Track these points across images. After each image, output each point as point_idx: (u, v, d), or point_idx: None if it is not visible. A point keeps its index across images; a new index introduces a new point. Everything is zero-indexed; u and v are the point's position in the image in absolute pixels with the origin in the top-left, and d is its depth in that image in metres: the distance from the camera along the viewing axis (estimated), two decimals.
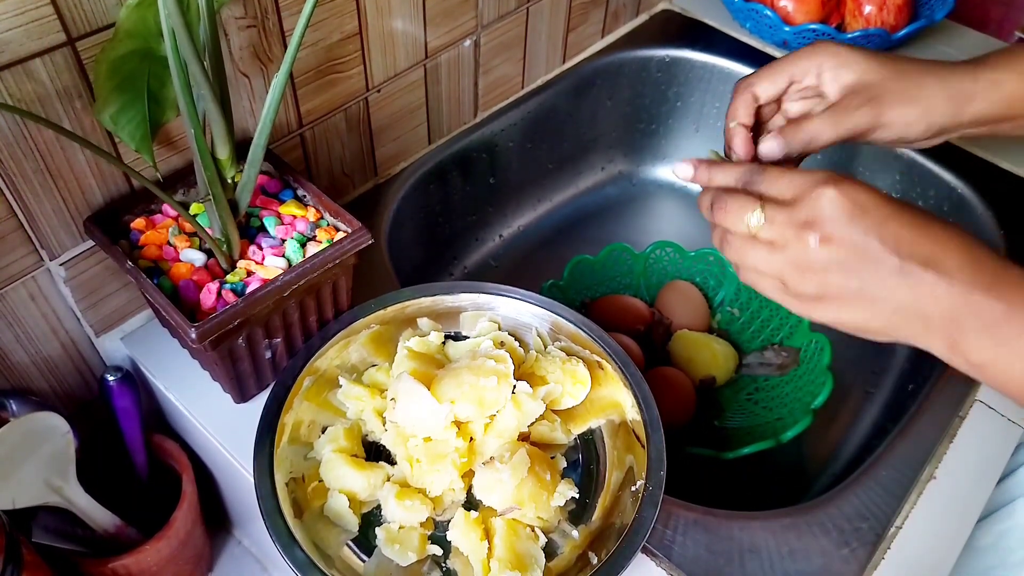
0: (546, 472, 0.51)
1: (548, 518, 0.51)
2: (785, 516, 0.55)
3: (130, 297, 0.61)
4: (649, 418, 0.53)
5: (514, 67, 0.84)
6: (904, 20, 0.89)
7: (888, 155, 0.84)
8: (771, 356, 0.78)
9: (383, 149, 0.76)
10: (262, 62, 0.59)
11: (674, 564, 0.52)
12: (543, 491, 0.50)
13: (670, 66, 0.94)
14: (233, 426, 0.58)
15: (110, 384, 0.58)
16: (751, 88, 0.55)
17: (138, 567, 0.60)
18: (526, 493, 0.50)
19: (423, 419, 0.51)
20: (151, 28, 0.46)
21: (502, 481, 0.50)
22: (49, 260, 0.55)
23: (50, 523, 0.58)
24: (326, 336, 0.56)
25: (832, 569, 0.53)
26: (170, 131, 0.56)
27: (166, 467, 0.65)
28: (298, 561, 0.46)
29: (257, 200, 0.58)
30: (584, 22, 0.89)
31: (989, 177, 0.81)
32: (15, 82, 0.47)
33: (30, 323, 0.56)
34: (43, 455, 0.53)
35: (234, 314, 0.50)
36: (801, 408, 0.70)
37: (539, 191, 0.96)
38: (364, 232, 0.55)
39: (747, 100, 0.55)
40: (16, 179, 0.50)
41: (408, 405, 0.51)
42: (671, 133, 1.00)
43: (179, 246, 0.54)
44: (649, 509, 0.49)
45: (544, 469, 0.51)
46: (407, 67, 0.72)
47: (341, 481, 0.51)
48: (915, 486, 0.58)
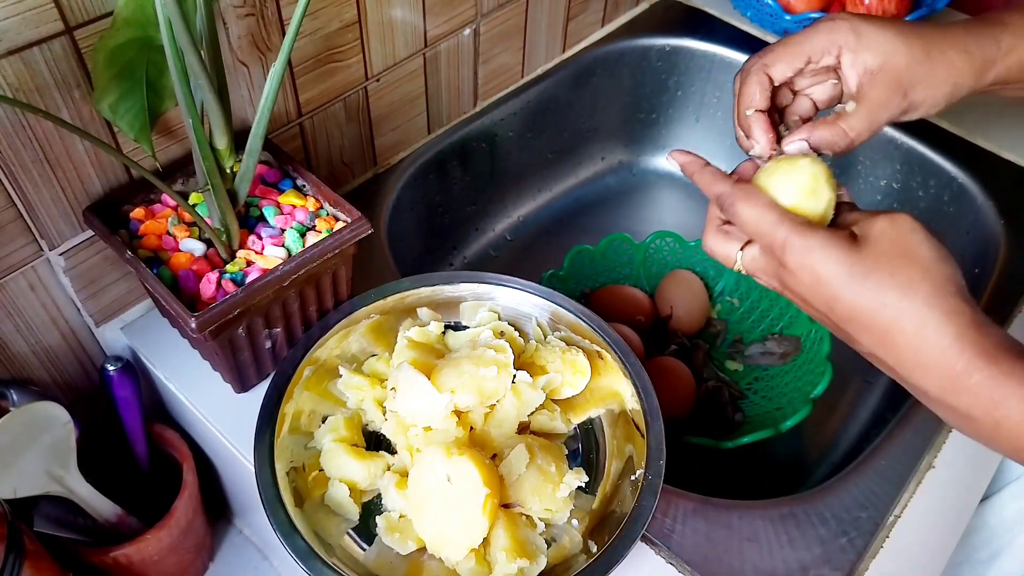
0: (550, 464, 0.50)
1: (556, 509, 0.50)
2: (784, 505, 0.56)
3: (130, 287, 0.61)
4: (649, 408, 0.53)
5: (514, 56, 0.84)
6: (905, 9, 0.88)
7: (888, 145, 0.84)
8: (772, 346, 0.78)
9: (383, 138, 0.76)
10: (260, 51, 0.59)
11: (673, 552, 0.53)
12: (547, 483, 0.50)
13: (670, 55, 0.94)
14: (233, 416, 0.58)
15: (110, 374, 0.58)
16: (766, 69, 0.50)
17: (139, 556, 0.60)
18: (528, 488, 0.49)
19: (423, 408, 0.51)
20: (149, 17, 0.46)
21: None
22: (48, 250, 0.55)
23: (52, 512, 0.58)
24: (326, 326, 0.56)
25: (831, 558, 0.53)
26: (169, 120, 0.56)
27: (167, 456, 0.65)
28: (299, 550, 0.46)
29: (256, 190, 0.57)
30: (584, 11, 0.89)
31: (990, 166, 0.80)
32: (13, 71, 0.46)
33: (30, 313, 0.56)
34: (44, 445, 0.53)
35: (234, 304, 0.50)
36: (801, 397, 0.71)
37: (539, 181, 0.96)
38: (364, 222, 0.55)
39: (763, 83, 0.50)
40: (15, 169, 0.50)
41: (408, 394, 0.51)
42: (671, 123, 0.99)
43: (178, 236, 0.54)
44: (648, 498, 0.49)
45: (548, 461, 0.51)
46: (406, 56, 0.71)
47: (341, 470, 0.52)
48: (914, 475, 0.58)
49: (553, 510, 0.50)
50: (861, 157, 0.87)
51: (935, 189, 0.82)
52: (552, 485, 0.50)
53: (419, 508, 0.49)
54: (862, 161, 0.87)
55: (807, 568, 0.52)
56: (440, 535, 0.48)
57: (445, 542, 0.48)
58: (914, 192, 0.84)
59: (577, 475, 0.51)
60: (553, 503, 0.50)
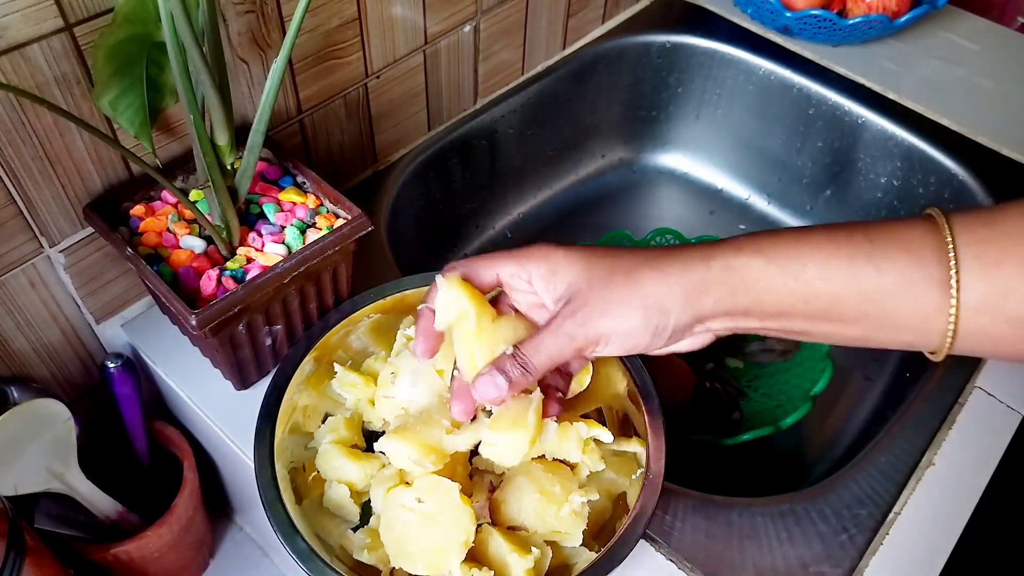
0: (554, 485, 0.49)
1: (565, 529, 0.49)
2: (784, 502, 0.56)
3: (130, 284, 0.61)
4: (650, 405, 0.53)
5: (514, 53, 0.84)
6: (906, 6, 0.88)
7: (889, 142, 0.84)
8: (773, 343, 0.78)
9: (383, 136, 0.75)
10: (261, 48, 0.59)
11: (673, 549, 0.53)
12: (551, 505, 0.48)
13: (671, 52, 0.94)
14: (234, 413, 0.58)
15: (111, 371, 0.58)
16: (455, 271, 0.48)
17: (140, 553, 0.60)
18: (531, 511, 0.48)
19: (423, 393, 0.51)
20: (150, 13, 0.46)
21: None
22: (49, 247, 0.55)
23: (52, 509, 0.58)
24: (327, 324, 0.56)
25: (831, 555, 0.53)
26: (169, 117, 0.56)
27: (167, 453, 0.65)
28: (300, 550, 0.46)
29: (256, 187, 0.57)
30: (585, 7, 0.88)
31: (991, 163, 0.80)
32: (13, 68, 0.46)
33: (30, 310, 0.56)
34: (44, 442, 0.53)
35: (234, 301, 0.50)
36: (801, 395, 0.71)
37: (539, 178, 0.96)
38: (364, 219, 0.55)
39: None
40: (15, 166, 0.50)
41: (410, 381, 0.51)
42: (672, 120, 0.99)
43: (179, 233, 0.54)
44: (650, 496, 0.49)
45: (553, 483, 0.49)
46: (406, 53, 0.71)
47: (338, 472, 0.51)
48: (914, 473, 0.58)
49: (562, 530, 0.48)
50: (862, 154, 0.87)
51: (935, 186, 0.82)
52: (556, 506, 0.48)
53: (396, 547, 0.47)
54: (862, 159, 0.87)
55: (807, 565, 0.53)
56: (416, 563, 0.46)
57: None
58: (914, 189, 0.84)
59: (584, 492, 0.49)
60: (559, 523, 0.48)
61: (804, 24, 0.88)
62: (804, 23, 0.88)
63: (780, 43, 0.91)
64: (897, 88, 0.87)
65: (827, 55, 0.90)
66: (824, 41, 0.90)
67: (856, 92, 0.86)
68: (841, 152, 0.88)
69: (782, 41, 0.92)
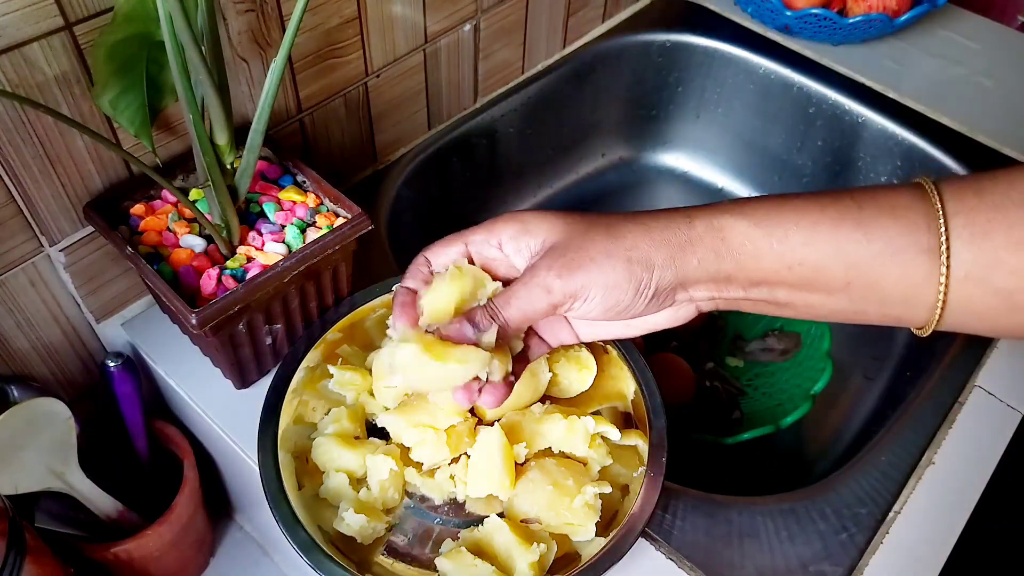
0: (567, 479, 0.49)
1: (577, 520, 0.49)
2: (785, 501, 0.56)
3: (130, 283, 0.61)
4: (652, 404, 0.53)
5: (514, 52, 0.84)
6: (906, 5, 0.88)
7: (889, 141, 0.84)
8: (773, 342, 0.78)
9: (383, 135, 0.75)
10: (261, 47, 0.59)
11: (673, 548, 0.53)
12: (564, 497, 0.49)
13: (671, 51, 0.94)
14: (234, 412, 0.58)
15: (111, 370, 0.58)
16: (423, 253, 0.48)
17: (140, 552, 0.60)
18: (544, 503, 0.49)
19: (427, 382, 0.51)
20: (149, 12, 0.46)
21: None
22: (49, 246, 0.55)
23: (52, 508, 0.58)
24: (328, 322, 0.56)
25: (831, 554, 0.53)
26: (169, 116, 0.56)
27: (167, 453, 0.65)
28: (302, 542, 0.46)
29: (256, 186, 0.57)
30: (585, 6, 0.88)
31: (993, 163, 0.80)
32: (12, 67, 0.46)
33: (30, 309, 0.56)
34: (45, 441, 0.53)
35: (234, 300, 0.50)
36: (801, 394, 0.71)
37: (539, 177, 0.95)
38: (364, 218, 0.55)
39: (419, 264, 0.47)
40: (15, 165, 0.50)
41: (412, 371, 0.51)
42: (672, 119, 0.99)
43: (179, 232, 0.54)
44: (650, 494, 0.49)
45: (565, 476, 0.49)
46: (407, 52, 0.71)
47: (335, 462, 0.51)
48: (914, 471, 0.58)
49: (574, 523, 0.48)
50: (862, 153, 0.87)
51: None
52: (569, 498, 0.48)
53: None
54: (863, 157, 0.87)
55: (807, 563, 0.53)
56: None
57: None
58: None
59: (597, 484, 0.49)
60: (571, 514, 0.48)
61: (804, 23, 0.88)
62: (804, 22, 0.88)
63: (780, 42, 0.91)
64: (897, 87, 0.87)
65: (827, 54, 0.90)
66: (824, 40, 0.90)
67: (856, 91, 0.86)
68: (841, 151, 0.88)
69: (782, 40, 0.92)
